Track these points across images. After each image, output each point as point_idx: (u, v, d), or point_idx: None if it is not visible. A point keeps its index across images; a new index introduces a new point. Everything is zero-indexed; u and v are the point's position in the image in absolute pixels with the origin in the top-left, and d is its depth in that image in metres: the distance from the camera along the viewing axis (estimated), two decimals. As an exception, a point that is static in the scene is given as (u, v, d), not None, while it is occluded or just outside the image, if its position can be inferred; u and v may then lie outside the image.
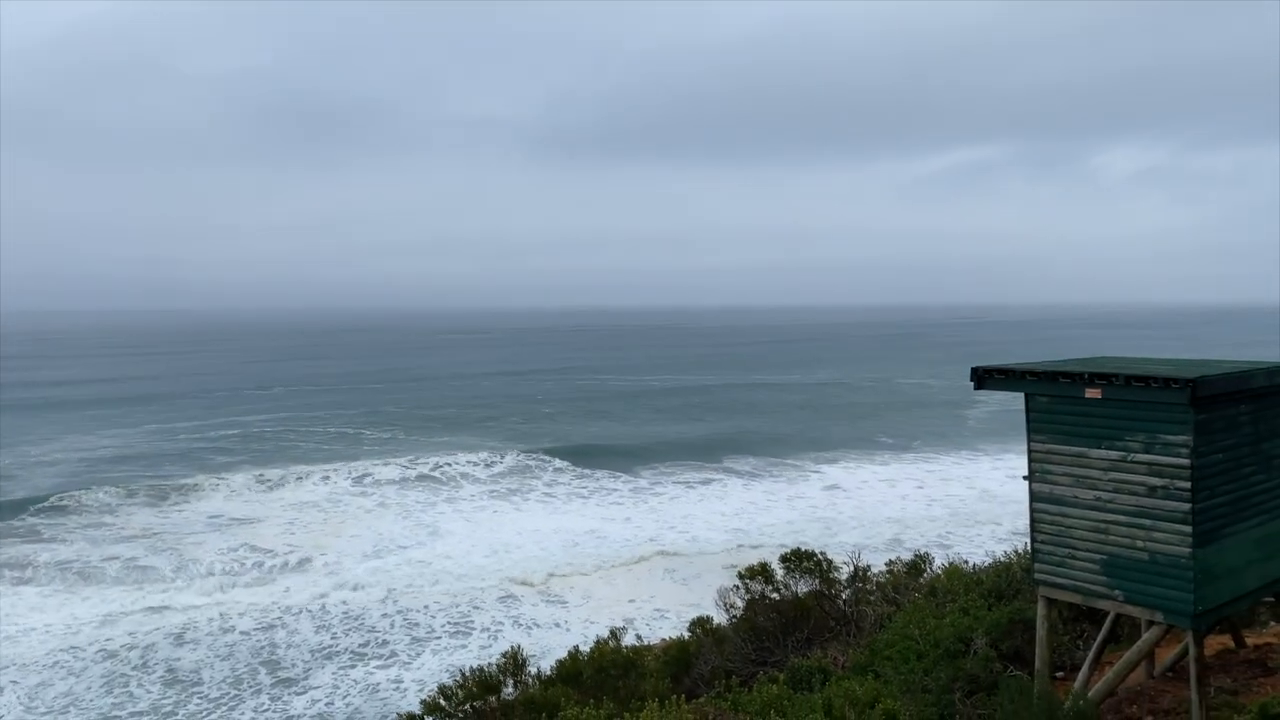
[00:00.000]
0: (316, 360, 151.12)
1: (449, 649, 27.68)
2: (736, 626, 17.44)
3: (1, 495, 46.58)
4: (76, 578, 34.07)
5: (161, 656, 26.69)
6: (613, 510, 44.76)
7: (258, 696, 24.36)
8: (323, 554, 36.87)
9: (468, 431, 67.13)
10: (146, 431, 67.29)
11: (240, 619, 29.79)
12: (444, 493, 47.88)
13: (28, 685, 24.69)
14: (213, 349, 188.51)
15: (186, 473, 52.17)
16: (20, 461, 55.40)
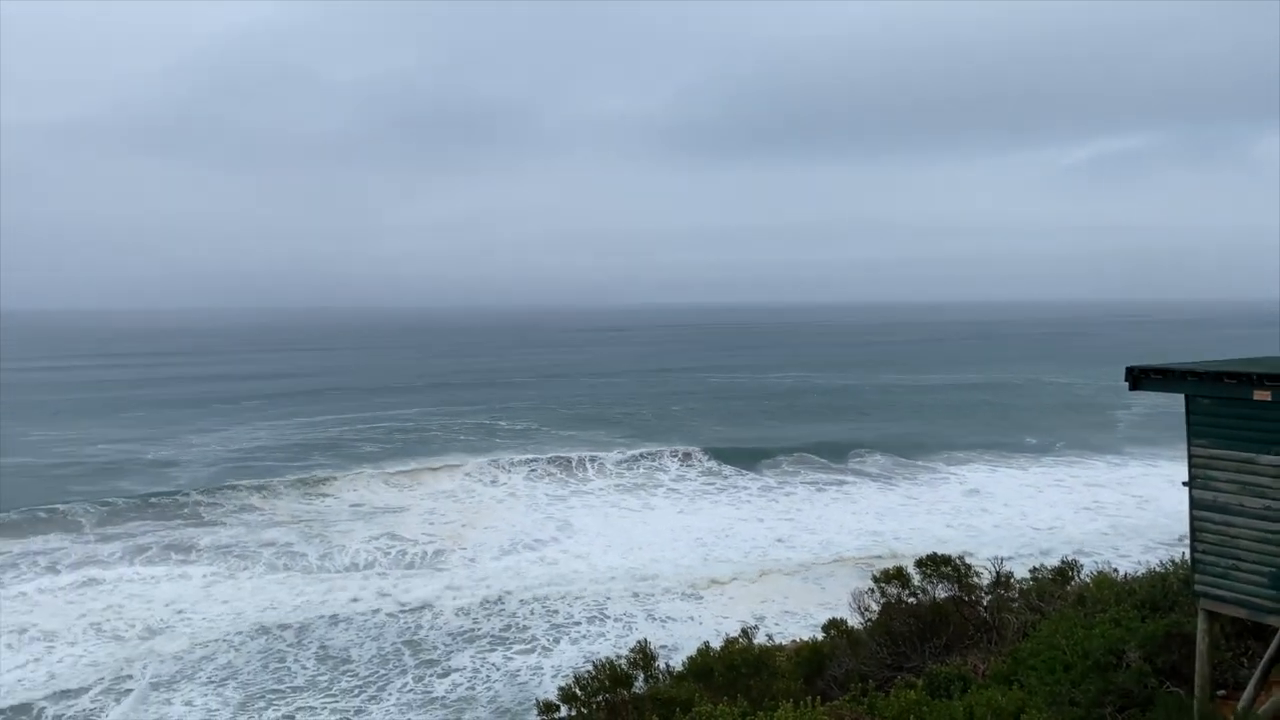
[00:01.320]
0: (455, 356, 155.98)
1: (588, 636, 28.25)
2: (871, 630, 17.16)
3: (166, 482, 49.93)
4: (235, 560, 36.26)
5: (314, 636, 28.19)
6: (743, 509, 44.60)
7: (403, 676, 25.50)
8: (460, 546, 38.10)
9: (600, 427, 68.04)
10: (297, 424, 70.88)
11: (384, 603, 31.15)
12: (574, 486, 48.66)
13: (192, 658, 26.45)
14: (357, 345, 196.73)
15: (333, 463, 54.77)
16: (183, 450, 59.18)
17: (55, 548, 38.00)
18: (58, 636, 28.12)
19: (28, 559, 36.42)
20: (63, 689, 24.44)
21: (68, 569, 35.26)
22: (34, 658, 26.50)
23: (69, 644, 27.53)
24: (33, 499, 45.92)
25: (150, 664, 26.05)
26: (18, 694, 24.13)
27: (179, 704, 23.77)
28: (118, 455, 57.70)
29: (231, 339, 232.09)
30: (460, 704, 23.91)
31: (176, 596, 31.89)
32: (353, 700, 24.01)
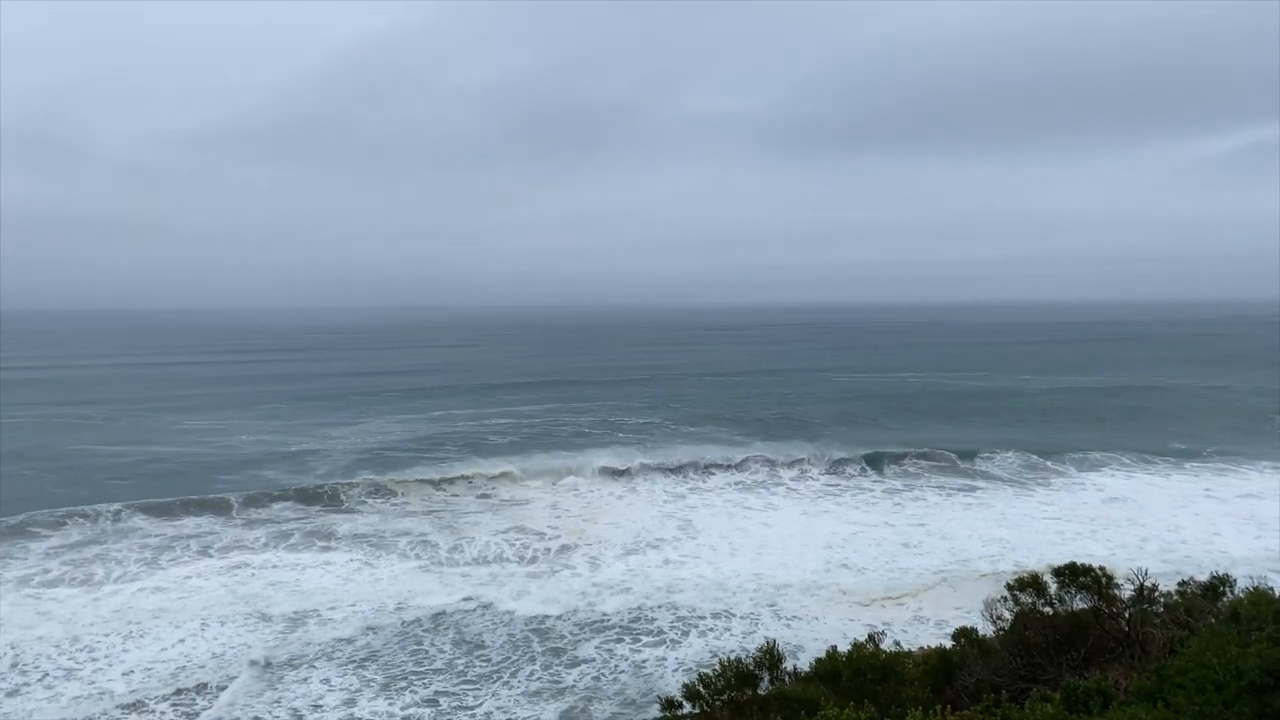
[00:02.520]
0: (573, 353, 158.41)
1: (714, 631, 28.42)
2: (1004, 639, 16.73)
3: (306, 472, 52.47)
4: (371, 549, 37.86)
5: (450, 622, 29.25)
6: (868, 512, 43.89)
7: (533, 663, 26.32)
8: (584, 541, 38.77)
9: (719, 425, 67.98)
10: (428, 418, 73.33)
11: (515, 590, 32.03)
12: (695, 484, 48.81)
13: (334, 639, 27.77)
14: (480, 342, 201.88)
15: (463, 455, 56.51)
16: (320, 442, 61.95)
17: (207, 531, 40.49)
18: (212, 616, 29.97)
19: (181, 542, 38.94)
20: (218, 666, 26.03)
21: (218, 552, 37.51)
22: (191, 634, 28.32)
23: (220, 623, 29.29)
24: (186, 485, 49.09)
25: (296, 644, 27.50)
26: (177, 671, 25.83)
27: (317, 681, 25.03)
28: (261, 446, 60.84)
29: (362, 336, 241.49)
30: (587, 693, 24.44)
31: (318, 581, 33.56)
32: (489, 685, 24.83)
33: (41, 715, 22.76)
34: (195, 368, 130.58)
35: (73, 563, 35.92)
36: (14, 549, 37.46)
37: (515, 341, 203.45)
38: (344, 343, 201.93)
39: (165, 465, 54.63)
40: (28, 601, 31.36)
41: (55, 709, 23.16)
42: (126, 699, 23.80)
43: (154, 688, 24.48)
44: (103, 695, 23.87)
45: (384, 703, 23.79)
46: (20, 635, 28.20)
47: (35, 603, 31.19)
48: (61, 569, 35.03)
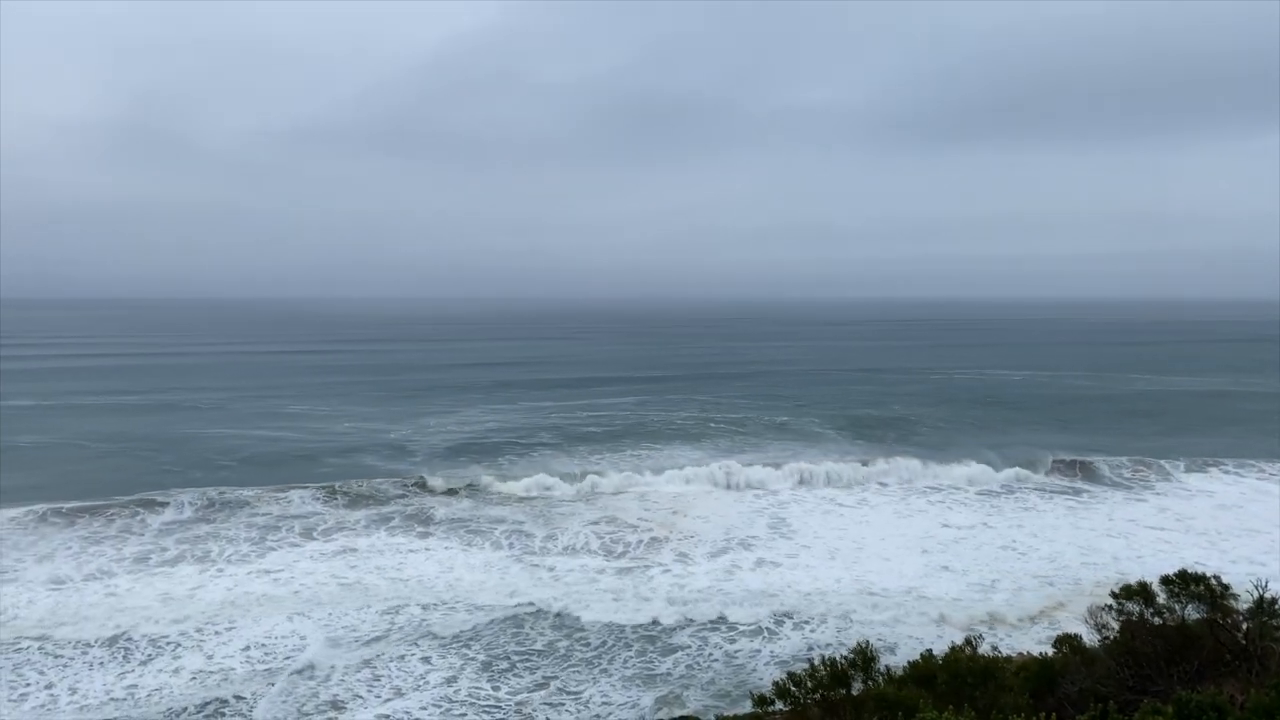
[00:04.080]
0: (666, 346, 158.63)
1: (807, 627, 28.22)
2: (1109, 649, 16.24)
3: (404, 458, 53.86)
4: (469, 535, 38.73)
5: (546, 609, 29.71)
6: (965, 514, 42.92)
7: (628, 650, 26.74)
8: (676, 534, 38.94)
9: (811, 421, 67.27)
10: (523, 408, 74.49)
11: (609, 581, 32.38)
12: (786, 481, 48.36)
13: (434, 622, 28.51)
14: (572, 334, 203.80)
15: (557, 445, 57.32)
16: (419, 431, 63.48)
17: (311, 512, 42.03)
18: (316, 598, 31.11)
19: (287, 523, 40.53)
20: (324, 646, 27.00)
21: (321, 535, 38.86)
22: (297, 614, 29.42)
23: (324, 605, 30.37)
24: (291, 468, 50.97)
25: (398, 626, 28.35)
26: (290, 650, 26.87)
27: (416, 660, 25.80)
28: (361, 432, 62.67)
29: (456, 327, 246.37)
30: (680, 682, 24.62)
31: (418, 567, 34.49)
32: (590, 671, 25.28)
33: (169, 690, 23.95)
34: (298, 356, 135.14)
35: (188, 540, 37.70)
36: (133, 524, 39.48)
37: (605, 334, 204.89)
38: (438, 333, 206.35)
39: (272, 449, 56.75)
40: (147, 579, 32.99)
41: (179, 682, 24.35)
42: (244, 676, 24.87)
43: (269, 664, 25.54)
44: (223, 672, 24.99)
45: (486, 683, 24.40)
46: (138, 611, 29.71)
47: (152, 579, 32.79)
48: (178, 548, 36.77)
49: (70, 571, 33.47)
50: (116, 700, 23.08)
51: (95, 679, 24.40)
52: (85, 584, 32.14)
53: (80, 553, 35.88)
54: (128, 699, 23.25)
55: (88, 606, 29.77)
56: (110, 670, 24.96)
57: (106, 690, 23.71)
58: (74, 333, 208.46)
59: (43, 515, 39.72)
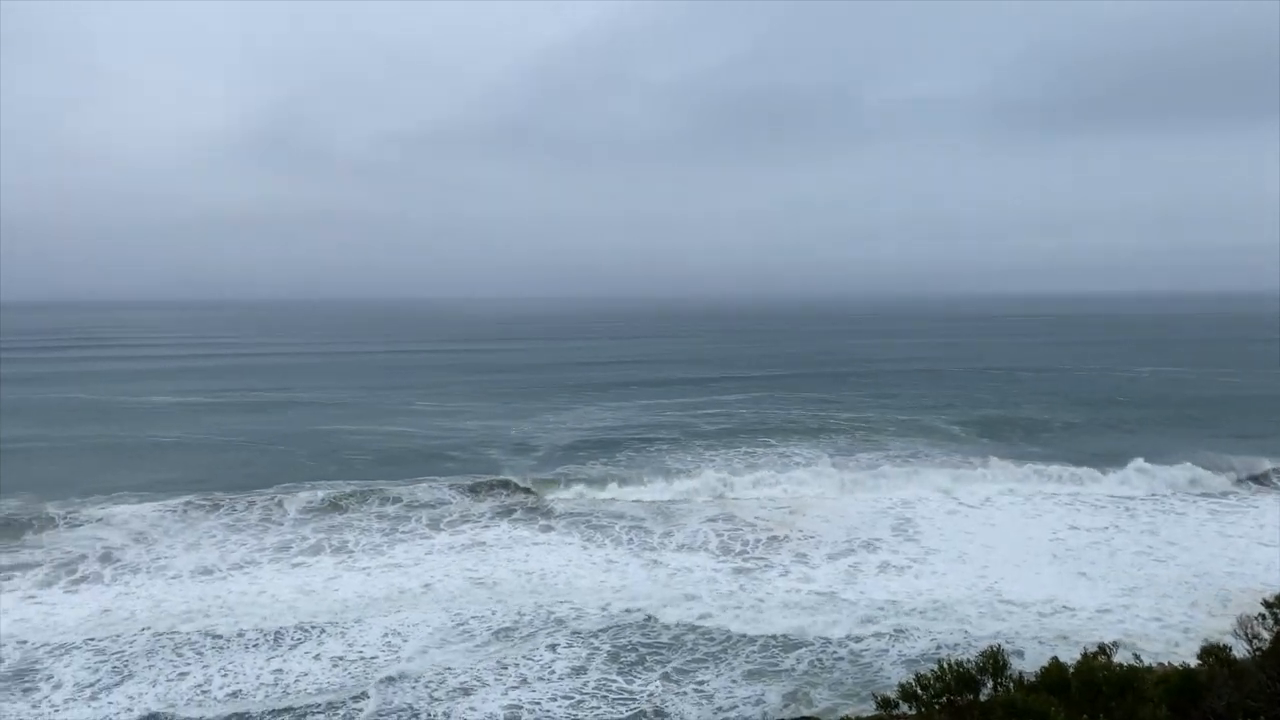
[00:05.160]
0: (780, 343, 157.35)
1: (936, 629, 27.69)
2: (1261, 661, 15.48)
3: (526, 453, 55.10)
4: (589, 529, 39.38)
5: (668, 604, 29.97)
6: (1098, 518, 41.16)
7: (750, 645, 26.92)
8: (796, 533, 38.67)
9: (937, 419, 65.73)
10: (639, 406, 75.17)
11: (727, 580, 32.48)
12: (911, 479, 47.37)
13: (560, 612, 29.16)
14: (686, 333, 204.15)
15: (675, 441, 57.69)
16: (539, 427, 64.80)
17: (439, 502, 43.65)
18: (445, 589, 32.21)
19: (416, 514, 42.09)
20: (457, 637, 27.95)
21: (448, 526, 40.20)
22: (426, 604, 30.52)
23: (452, 596, 31.41)
24: (419, 462, 52.81)
25: (528, 618, 29.08)
26: (426, 641, 27.92)
27: (543, 651, 26.47)
28: (484, 428, 64.36)
29: (573, 325, 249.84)
30: (806, 679, 24.58)
31: (541, 561, 35.30)
32: (714, 666, 25.50)
33: (313, 675, 25.26)
34: (421, 355, 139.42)
35: (323, 530, 39.57)
36: (272, 516, 41.60)
37: (722, 332, 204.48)
38: (553, 332, 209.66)
39: (399, 445, 58.84)
40: (287, 569, 34.77)
41: (320, 667, 25.64)
42: (380, 663, 26.02)
43: (402, 651, 26.62)
44: (363, 660, 26.17)
45: (617, 674, 24.89)
46: (280, 599, 31.36)
47: (292, 569, 34.54)
48: (315, 536, 38.63)
49: (216, 561, 35.51)
50: (266, 685, 24.43)
51: (245, 662, 25.88)
52: (230, 573, 34.06)
53: (224, 542, 38.05)
54: (276, 683, 24.60)
55: (233, 594, 31.56)
56: (259, 654, 26.44)
57: (256, 673, 25.14)
58: (216, 333, 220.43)
59: (188, 507, 42.23)
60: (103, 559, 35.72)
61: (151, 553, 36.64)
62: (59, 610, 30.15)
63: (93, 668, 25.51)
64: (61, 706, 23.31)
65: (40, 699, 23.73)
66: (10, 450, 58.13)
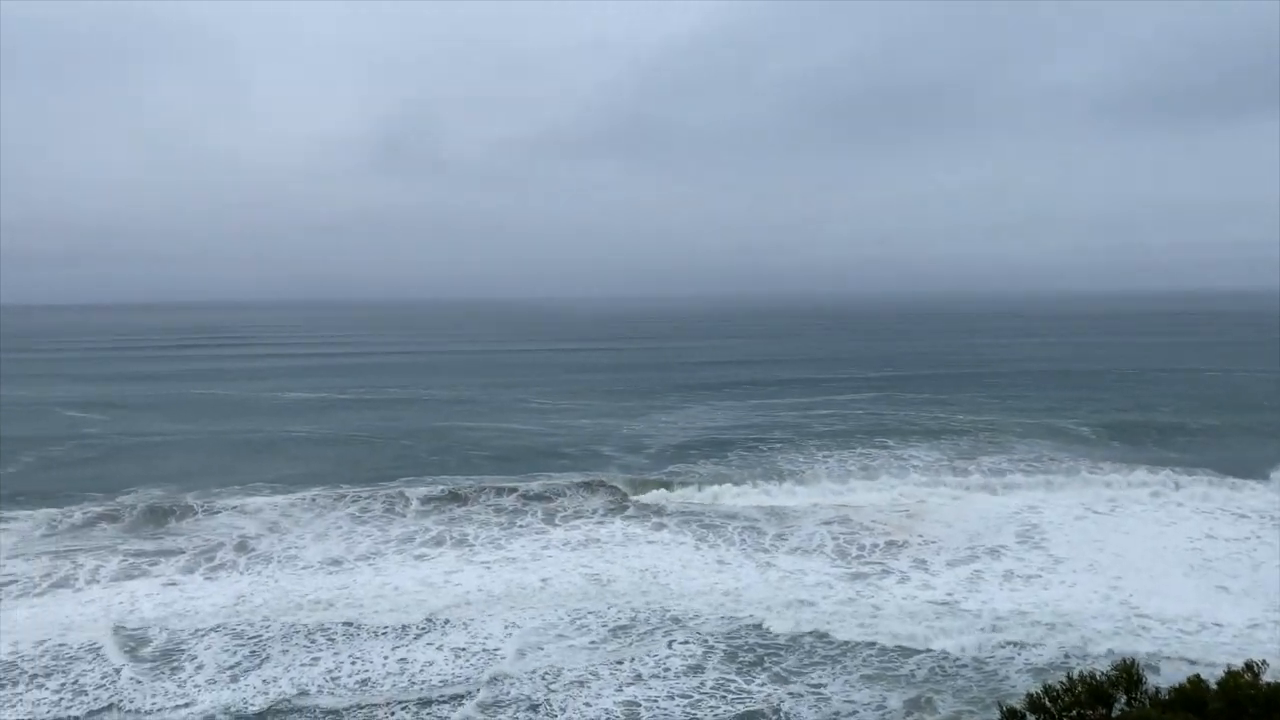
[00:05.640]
0: (902, 342, 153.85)
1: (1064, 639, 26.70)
2: None
3: (639, 453, 55.42)
4: (702, 530, 39.34)
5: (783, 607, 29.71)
6: (1238, 528, 38.71)
7: (868, 649, 26.55)
8: (915, 537, 37.79)
9: (1063, 423, 63.20)
10: (751, 405, 74.73)
11: (842, 584, 32.00)
12: (1036, 485, 45.69)
13: (674, 610, 29.25)
14: (800, 332, 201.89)
15: (789, 441, 57.14)
16: (651, 425, 65.13)
17: (556, 496, 44.34)
18: (560, 584, 32.72)
19: (531, 507, 43.03)
20: (577, 633, 28.36)
21: (563, 523, 40.80)
22: (551, 599, 31.04)
23: (571, 592, 31.89)
24: (534, 458, 53.79)
25: (643, 616, 29.29)
26: (543, 634, 28.44)
27: (663, 645, 26.67)
28: (597, 426, 65.07)
29: (686, 325, 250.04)
30: (929, 686, 24.06)
31: (656, 558, 35.48)
32: (831, 668, 25.24)
33: (436, 664, 26.06)
34: (536, 354, 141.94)
35: (444, 522, 40.82)
36: (395, 509, 43.04)
37: (838, 331, 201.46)
38: (670, 331, 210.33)
39: (516, 441, 60.02)
40: (411, 561, 35.92)
41: (443, 658, 26.42)
42: (500, 654, 26.64)
43: (521, 644, 27.18)
44: (485, 652, 26.82)
45: (735, 674, 24.85)
46: (403, 590, 32.40)
47: (416, 562, 35.64)
48: (436, 528, 39.87)
49: (343, 552, 36.93)
50: (392, 674, 25.30)
51: (372, 650, 26.85)
52: (357, 563, 35.37)
53: (350, 533, 39.56)
54: (401, 672, 25.46)
55: (360, 584, 32.75)
56: (385, 643, 27.39)
57: (383, 661, 26.06)
58: (341, 332, 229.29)
59: (317, 499, 44.02)
60: (238, 548, 37.59)
61: (283, 542, 38.36)
62: (199, 595, 31.86)
63: (231, 650, 26.87)
64: (204, 687, 24.62)
65: (185, 679, 25.12)
66: (154, 443, 61.78)
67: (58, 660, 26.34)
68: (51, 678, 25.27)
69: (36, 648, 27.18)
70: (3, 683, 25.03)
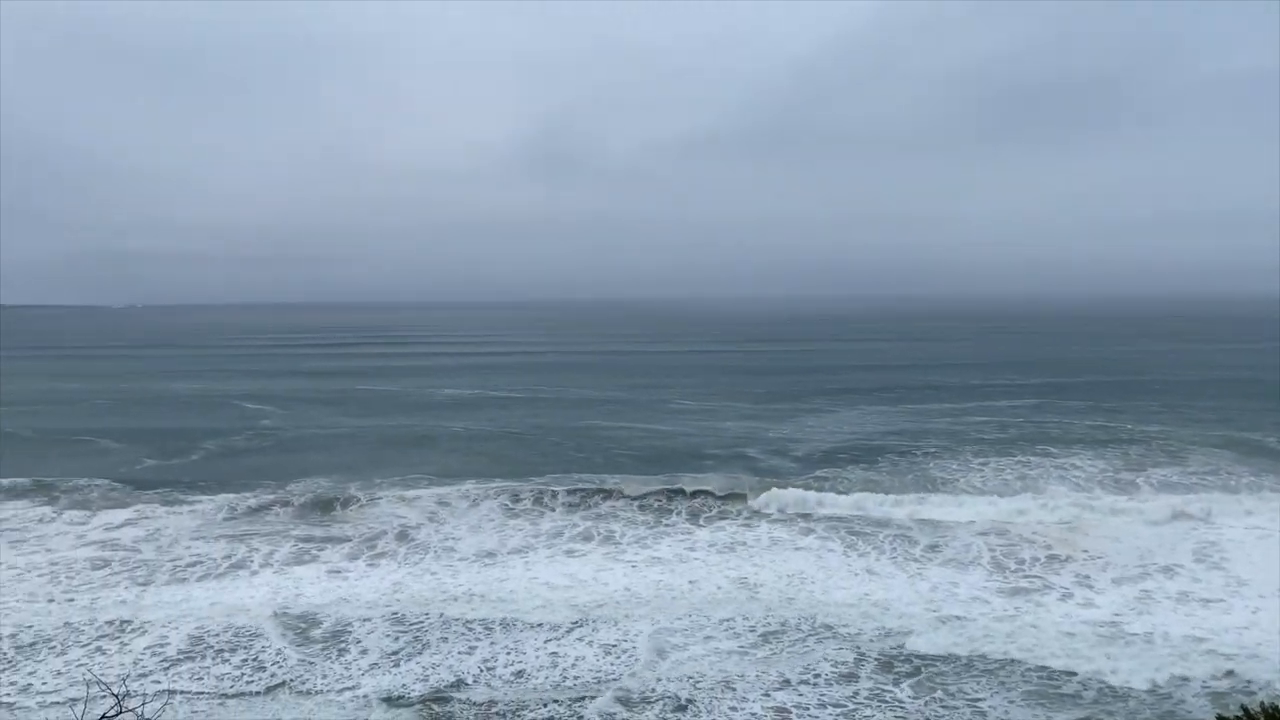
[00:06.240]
0: (1067, 347, 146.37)
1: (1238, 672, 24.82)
2: None
3: (785, 457, 54.82)
4: (851, 537, 38.54)
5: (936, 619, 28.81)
6: None
7: (1024, 665, 25.54)
8: (1078, 554, 35.97)
9: (1249, 433, 58.81)
10: (904, 410, 72.68)
11: (999, 599, 30.74)
12: (1220, 505, 42.51)
13: (830, 618, 28.79)
14: (955, 335, 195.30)
15: (945, 448, 55.37)
16: (798, 429, 64.32)
17: (702, 496, 44.34)
18: (705, 586, 32.67)
19: (676, 505, 43.28)
20: (726, 636, 28.29)
21: (707, 523, 40.83)
22: (712, 606, 31.07)
23: (719, 596, 31.81)
24: (677, 459, 53.95)
25: (793, 622, 28.97)
26: (690, 635, 28.46)
27: (808, 652, 26.23)
28: (743, 430, 64.69)
29: (840, 325, 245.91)
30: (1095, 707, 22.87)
31: (804, 563, 35.01)
32: (989, 680, 24.26)
33: (586, 659, 26.56)
34: (684, 355, 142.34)
35: (591, 518, 41.53)
36: (544, 502, 44.09)
37: (996, 334, 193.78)
38: (818, 333, 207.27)
39: (662, 443, 60.38)
40: (561, 558, 36.66)
41: (593, 654, 26.88)
42: (645, 652, 26.84)
43: (685, 643, 27.33)
44: (634, 650, 27.16)
45: (890, 684, 24.31)
46: (553, 585, 33.10)
47: (565, 559, 36.34)
48: (583, 524, 40.64)
49: (496, 545, 38.02)
50: (545, 668, 25.87)
51: (525, 642, 27.54)
52: (509, 557, 36.35)
53: (502, 526, 40.72)
54: (554, 665, 26.01)
55: (512, 577, 33.66)
56: (538, 636, 28.05)
57: (535, 654, 26.70)
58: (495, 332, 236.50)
59: (472, 493, 45.48)
60: (399, 536, 39.27)
61: (440, 533, 39.83)
62: (362, 582, 33.43)
63: (393, 636, 28.06)
64: (369, 670, 25.80)
65: (349, 661, 26.39)
66: (322, 435, 65.31)
67: (239, 637, 28.15)
68: (235, 653, 27.05)
69: (219, 624, 29.14)
70: (193, 655, 26.95)
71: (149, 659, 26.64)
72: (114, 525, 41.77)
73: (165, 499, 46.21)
